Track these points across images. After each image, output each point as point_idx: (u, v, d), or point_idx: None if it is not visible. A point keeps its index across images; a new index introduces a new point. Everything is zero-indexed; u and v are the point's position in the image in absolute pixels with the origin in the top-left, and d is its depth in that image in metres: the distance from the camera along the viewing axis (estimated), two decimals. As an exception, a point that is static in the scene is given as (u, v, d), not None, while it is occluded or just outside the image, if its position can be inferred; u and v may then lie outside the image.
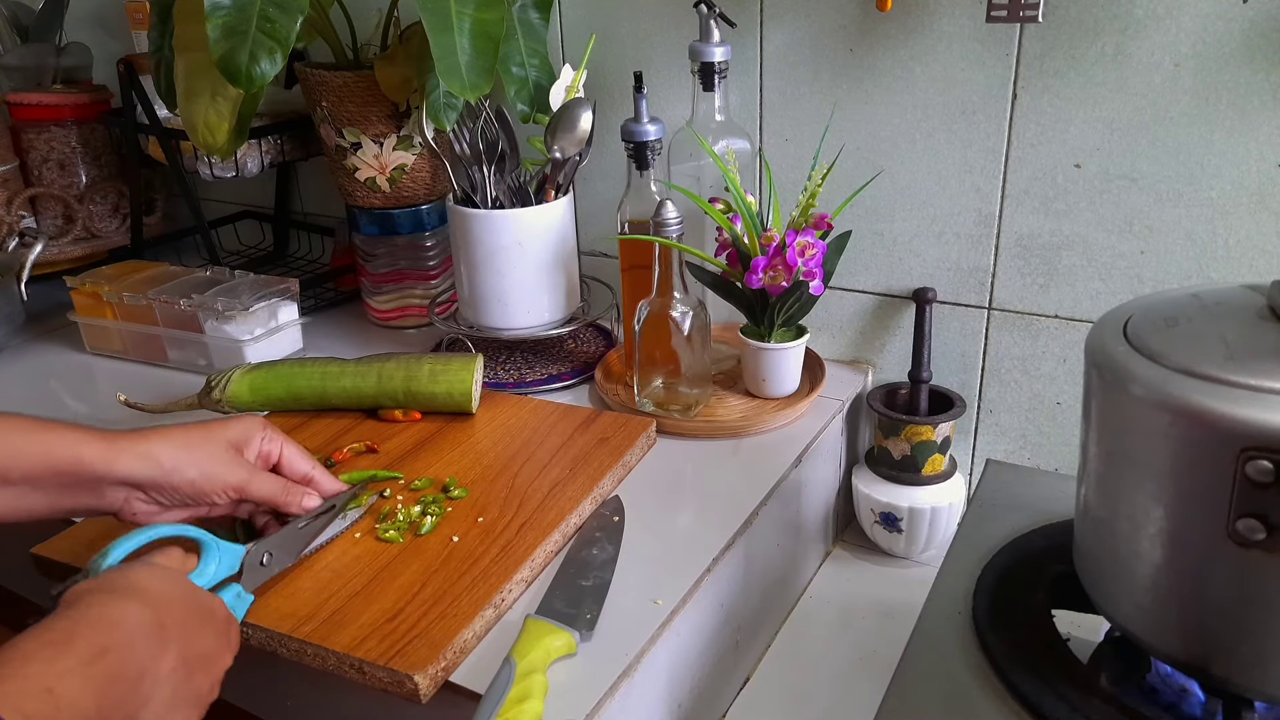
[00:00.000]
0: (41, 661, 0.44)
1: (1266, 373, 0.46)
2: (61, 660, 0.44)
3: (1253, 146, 0.78)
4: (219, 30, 0.83)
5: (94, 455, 0.60)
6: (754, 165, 0.99)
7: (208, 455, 0.64)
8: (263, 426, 0.69)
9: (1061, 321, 0.90)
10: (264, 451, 0.68)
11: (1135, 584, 0.53)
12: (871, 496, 0.94)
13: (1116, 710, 0.52)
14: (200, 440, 0.64)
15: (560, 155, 0.95)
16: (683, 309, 0.86)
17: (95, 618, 0.48)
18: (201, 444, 0.64)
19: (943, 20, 0.86)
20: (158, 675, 0.49)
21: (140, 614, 0.50)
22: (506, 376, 1.01)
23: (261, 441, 0.68)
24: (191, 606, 0.54)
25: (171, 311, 1.06)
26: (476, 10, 0.86)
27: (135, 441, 0.62)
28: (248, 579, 0.62)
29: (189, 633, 0.52)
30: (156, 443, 0.62)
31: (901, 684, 0.57)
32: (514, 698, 0.56)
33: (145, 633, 0.49)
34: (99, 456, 0.60)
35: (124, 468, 0.61)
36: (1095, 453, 0.55)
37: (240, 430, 0.67)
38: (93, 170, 1.31)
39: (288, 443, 0.70)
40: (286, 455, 0.70)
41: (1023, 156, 0.87)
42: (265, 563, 0.64)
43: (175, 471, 0.62)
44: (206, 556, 0.60)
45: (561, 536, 0.72)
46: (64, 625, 0.47)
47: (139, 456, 0.61)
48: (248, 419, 0.69)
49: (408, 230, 1.13)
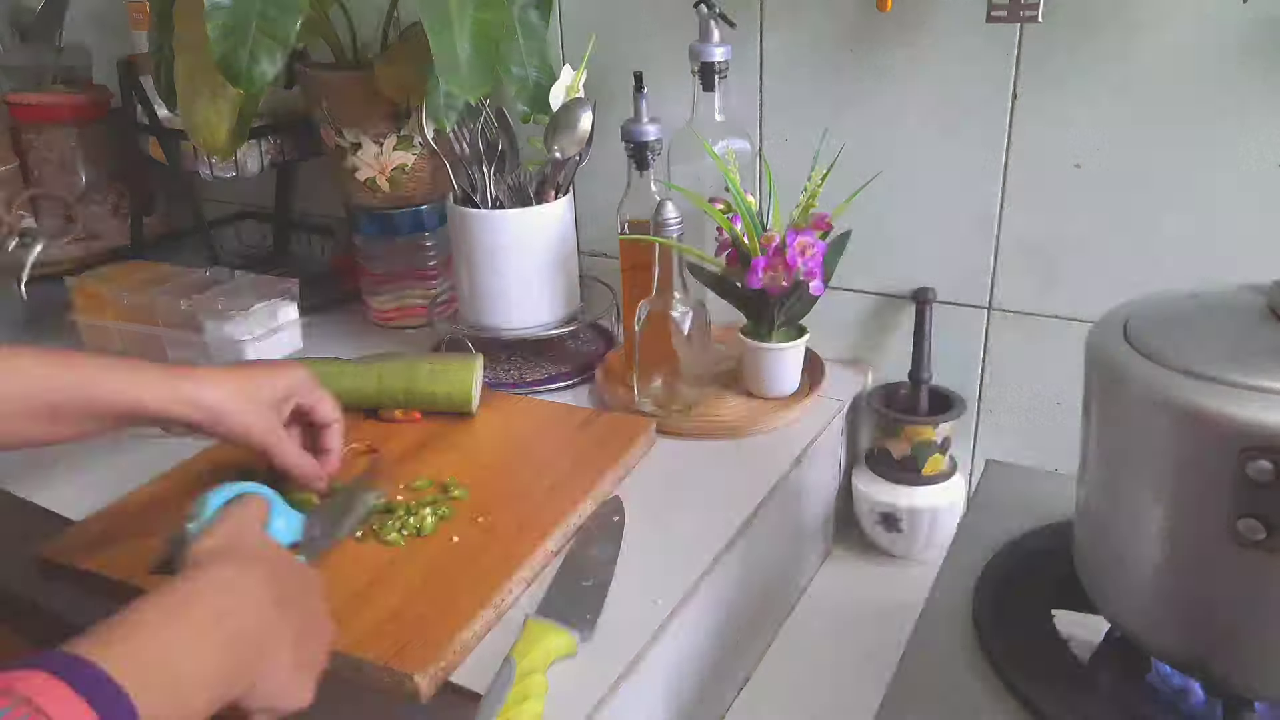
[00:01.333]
0: (159, 625, 0.44)
1: (1266, 373, 0.46)
2: (181, 623, 0.45)
3: (1253, 146, 0.78)
4: (219, 30, 0.83)
5: (152, 399, 0.64)
6: (754, 165, 0.99)
7: (255, 410, 0.69)
8: (307, 375, 0.74)
9: (1061, 321, 0.90)
10: (304, 405, 0.73)
11: (1135, 584, 0.53)
12: (871, 497, 0.94)
13: (1116, 710, 0.53)
14: (252, 392, 0.69)
15: (560, 155, 0.95)
16: (683, 309, 0.86)
17: (216, 581, 0.49)
18: (253, 396, 0.69)
19: (943, 20, 0.86)
20: (280, 639, 0.49)
21: (262, 580, 0.51)
22: (506, 376, 1.01)
23: (301, 394, 0.73)
24: (302, 575, 0.56)
25: (171, 311, 1.05)
26: (476, 10, 0.86)
27: (195, 385, 0.66)
28: (305, 550, 0.64)
29: (302, 599, 0.54)
30: (209, 388, 0.67)
31: (901, 684, 0.57)
32: (514, 698, 0.56)
33: (269, 598, 0.50)
34: (157, 402, 0.64)
35: (179, 412, 0.65)
36: (1095, 453, 0.55)
37: (286, 385, 0.72)
38: (93, 170, 1.30)
39: (325, 395, 0.75)
40: (320, 405, 0.74)
41: (1023, 156, 0.87)
42: (318, 535, 0.66)
43: (222, 419, 0.67)
44: (275, 515, 0.62)
45: (561, 536, 0.72)
46: (185, 588, 0.48)
47: (194, 406, 0.65)
48: (295, 370, 0.73)
49: (408, 230, 1.13)
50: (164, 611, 0.45)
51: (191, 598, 0.47)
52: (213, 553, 0.52)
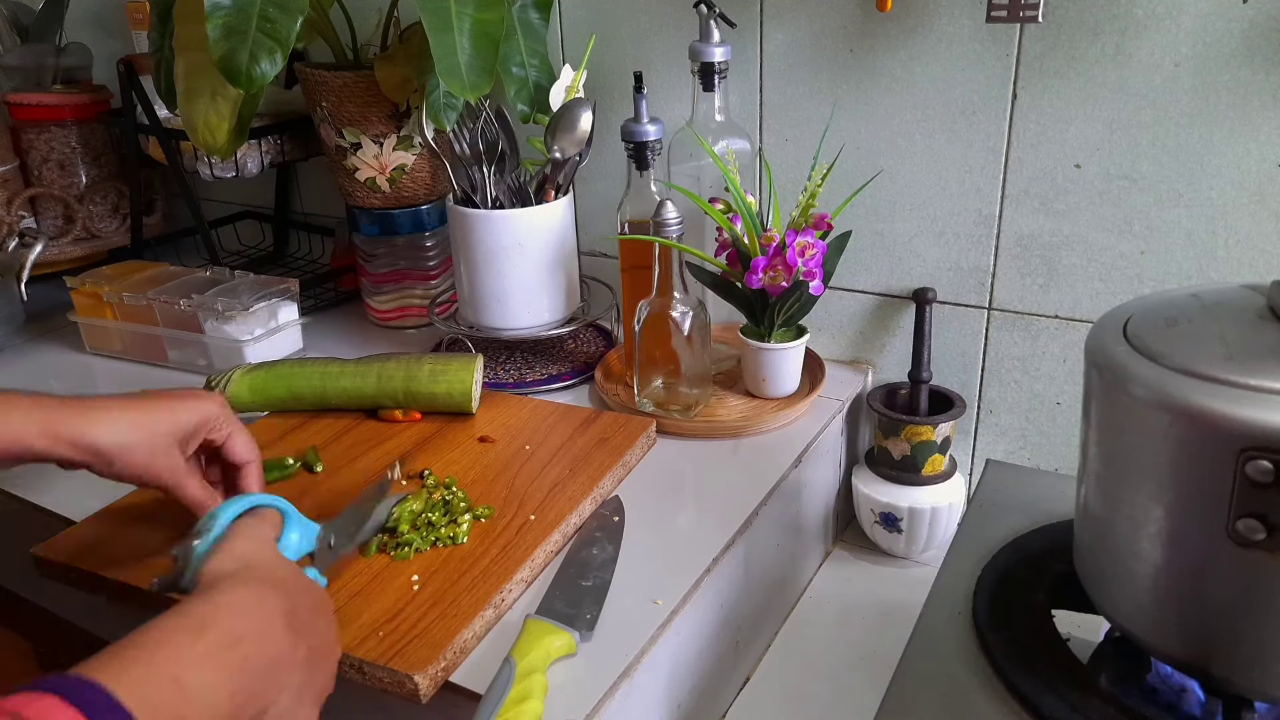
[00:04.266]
0: (171, 648, 0.43)
1: (1266, 373, 0.46)
2: (193, 647, 0.43)
3: (1253, 146, 0.78)
4: (219, 30, 0.83)
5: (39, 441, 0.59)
6: (754, 165, 0.99)
7: (150, 447, 0.63)
8: (218, 409, 0.67)
9: (1061, 321, 0.90)
10: (210, 440, 0.67)
11: (1135, 584, 0.53)
12: (871, 496, 0.94)
13: (1116, 710, 0.52)
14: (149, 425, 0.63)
15: (560, 155, 0.95)
16: (683, 309, 0.86)
17: (232, 603, 0.48)
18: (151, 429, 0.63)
19: (943, 20, 0.86)
20: (293, 665, 0.48)
21: (278, 604, 0.49)
22: (506, 376, 1.01)
23: (211, 429, 0.67)
24: (314, 596, 0.54)
25: (171, 311, 1.06)
26: (476, 10, 0.86)
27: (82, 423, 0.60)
28: (320, 562, 0.62)
29: (314, 623, 0.52)
30: (100, 426, 0.61)
31: (901, 684, 0.57)
32: (514, 698, 0.56)
33: (282, 622, 0.49)
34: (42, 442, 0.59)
35: (62, 453, 0.60)
36: (1095, 453, 0.55)
37: (190, 417, 0.65)
38: (93, 170, 1.31)
39: (239, 430, 0.68)
40: (232, 441, 0.68)
41: (1023, 156, 0.87)
42: (332, 545, 0.64)
43: (114, 460, 0.61)
44: (289, 527, 0.60)
45: (561, 536, 0.72)
46: (200, 611, 0.46)
47: (77, 447, 0.60)
48: (204, 400, 0.67)
49: (408, 230, 1.13)
50: (176, 634, 0.43)
51: (205, 622, 0.45)
52: (226, 574, 0.50)
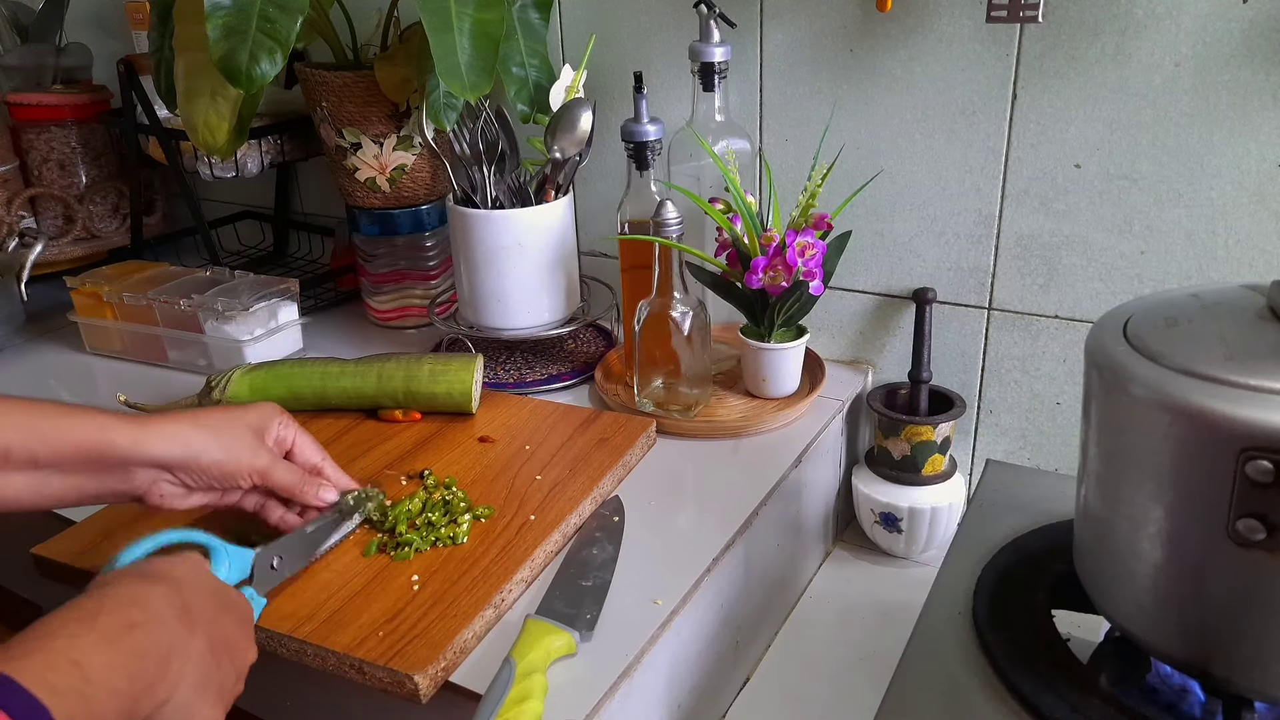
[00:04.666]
0: (66, 637, 0.43)
1: (1266, 373, 0.46)
2: (87, 635, 0.44)
3: (1253, 146, 0.78)
4: (219, 30, 0.83)
5: (122, 437, 0.60)
6: (754, 165, 0.99)
7: (232, 438, 0.65)
8: (279, 412, 0.69)
9: (1061, 321, 0.90)
10: (280, 437, 0.69)
11: (1135, 584, 0.53)
12: (871, 496, 0.94)
13: (1116, 710, 0.52)
14: (224, 423, 0.65)
15: (560, 155, 0.95)
16: (683, 309, 0.86)
17: (122, 595, 0.48)
18: (226, 427, 0.65)
19: (943, 20, 0.86)
20: (187, 655, 0.49)
21: (167, 595, 0.50)
22: (506, 376, 1.01)
23: (278, 427, 0.69)
24: (216, 594, 0.55)
25: (171, 311, 1.06)
26: (476, 10, 0.86)
27: (162, 423, 0.62)
28: (259, 583, 0.62)
29: (215, 618, 0.52)
30: (183, 424, 0.63)
31: (901, 684, 0.57)
32: (514, 698, 0.56)
33: (173, 613, 0.49)
34: (127, 438, 0.60)
35: (153, 449, 0.61)
36: (1095, 453, 0.55)
37: (259, 416, 0.68)
38: (93, 170, 1.31)
39: (301, 432, 0.70)
40: (299, 444, 0.70)
41: (1023, 156, 0.87)
42: (275, 566, 0.64)
43: (203, 452, 0.63)
44: (216, 561, 0.59)
45: (561, 536, 0.72)
46: (90, 604, 0.47)
47: (167, 437, 0.61)
48: (265, 405, 0.69)
49: (408, 230, 1.13)
50: (69, 625, 0.44)
51: (97, 611, 0.46)
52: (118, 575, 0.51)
